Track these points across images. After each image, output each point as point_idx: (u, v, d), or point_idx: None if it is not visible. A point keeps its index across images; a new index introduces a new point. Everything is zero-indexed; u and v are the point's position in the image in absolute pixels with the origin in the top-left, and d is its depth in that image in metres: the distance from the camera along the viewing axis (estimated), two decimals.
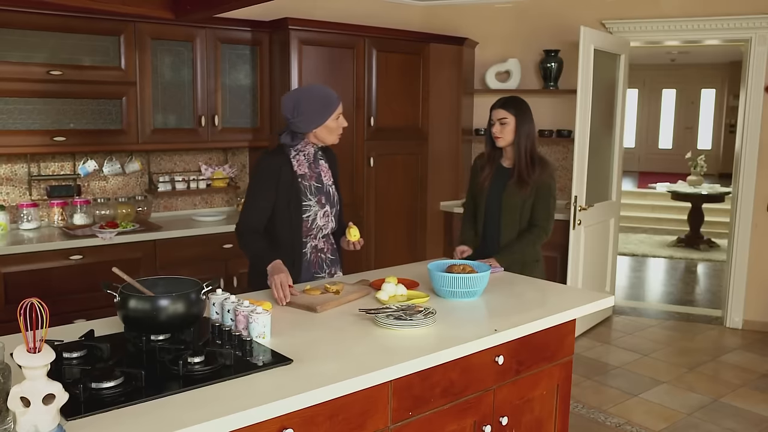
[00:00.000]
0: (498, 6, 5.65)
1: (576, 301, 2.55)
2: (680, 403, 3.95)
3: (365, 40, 4.77)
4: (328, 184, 2.82)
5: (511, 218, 3.16)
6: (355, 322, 2.22)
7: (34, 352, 1.32)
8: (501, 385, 2.28)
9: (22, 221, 3.96)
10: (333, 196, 2.84)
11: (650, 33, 5.27)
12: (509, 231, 3.18)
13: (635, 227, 10.35)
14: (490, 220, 3.23)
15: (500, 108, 3.12)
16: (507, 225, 3.18)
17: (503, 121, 3.10)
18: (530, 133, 3.12)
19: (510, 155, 3.17)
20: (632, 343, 5.00)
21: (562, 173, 5.60)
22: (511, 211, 3.16)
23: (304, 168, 2.75)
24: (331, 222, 2.83)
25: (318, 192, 2.77)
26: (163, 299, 1.87)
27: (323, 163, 2.84)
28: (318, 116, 2.67)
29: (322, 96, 2.70)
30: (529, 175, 3.09)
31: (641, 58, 12.72)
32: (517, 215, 3.16)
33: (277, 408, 1.60)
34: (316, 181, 2.78)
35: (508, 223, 3.17)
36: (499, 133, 3.12)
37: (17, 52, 3.66)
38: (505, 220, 3.17)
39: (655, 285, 7.13)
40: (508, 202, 3.15)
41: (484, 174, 3.25)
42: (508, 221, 3.17)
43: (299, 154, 2.75)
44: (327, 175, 2.84)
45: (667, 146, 15.76)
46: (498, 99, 3.19)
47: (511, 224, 3.17)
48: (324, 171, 2.83)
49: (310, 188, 2.75)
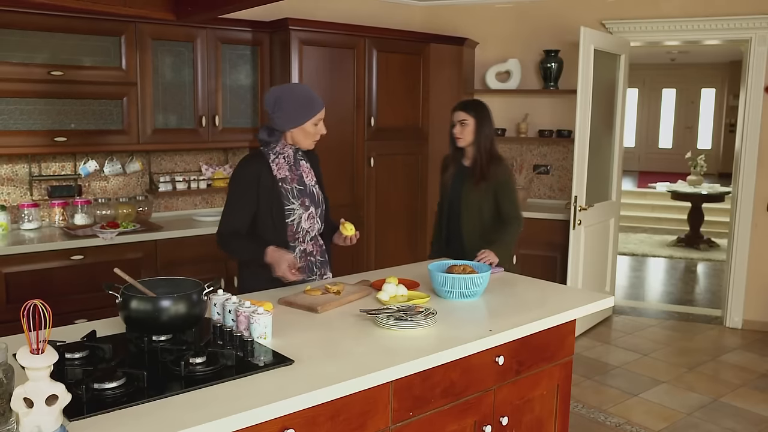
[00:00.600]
0: (498, 6, 5.66)
1: (576, 301, 2.56)
2: (680, 403, 3.96)
3: (365, 40, 4.77)
4: (311, 184, 2.77)
5: (471, 215, 3.30)
6: (356, 323, 2.23)
7: (37, 353, 1.33)
8: (501, 385, 2.29)
9: (23, 221, 3.97)
10: (317, 197, 2.79)
11: (650, 33, 5.28)
12: (470, 228, 3.31)
13: (635, 227, 10.36)
14: (453, 218, 3.39)
15: (461, 110, 3.29)
16: (467, 221, 3.31)
17: (464, 122, 3.26)
18: (489, 134, 3.28)
19: (470, 155, 3.32)
20: (632, 343, 5.01)
21: (562, 173, 5.61)
22: (470, 208, 3.30)
23: (285, 171, 2.69)
24: (318, 223, 2.79)
25: (301, 194, 2.72)
26: (164, 300, 1.87)
27: (304, 164, 2.78)
28: (296, 116, 2.63)
29: (305, 97, 2.66)
30: (486, 171, 3.23)
31: (641, 58, 12.73)
32: (476, 212, 3.29)
33: (279, 408, 1.61)
34: (299, 183, 2.72)
35: (468, 220, 3.31)
36: (459, 134, 3.28)
37: (19, 53, 3.67)
38: (465, 216, 3.31)
39: (655, 285, 7.14)
40: (467, 199, 3.30)
41: (448, 173, 3.42)
42: (468, 218, 3.31)
43: (278, 157, 2.69)
44: (309, 176, 2.78)
45: (667, 146, 15.77)
46: (459, 102, 3.37)
47: (471, 221, 3.31)
48: (306, 172, 2.77)
49: (293, 191, 2.70)
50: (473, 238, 3.29)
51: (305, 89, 2.72)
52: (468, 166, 3.33)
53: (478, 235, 3.29)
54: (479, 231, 3.29)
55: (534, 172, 5.69)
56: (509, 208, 3.28)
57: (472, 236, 3.30)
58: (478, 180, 3.25)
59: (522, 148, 5.76)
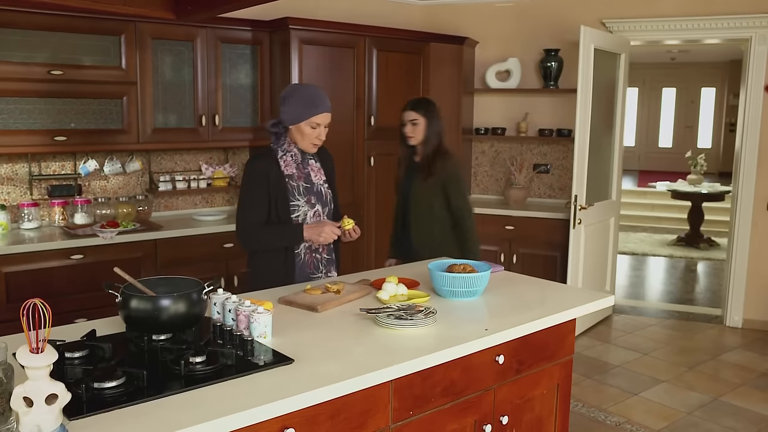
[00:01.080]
0: (498, 5, 5.65)
1: (576, 300, 2.56)
2: (680, 402, 3.96)
3: (365, 39, 4.77)
4: (319, 183, 2.81)
5: (420, 210, 3.38)
6: (356, 322, 2.23)
7: (36, 352, 1.33)
8: (501, 384, 2.29)
9: (23, 221, 3.97)
10: (325, 196, 2.83)
11: (650, 32, 5.28)
12: (419, 223, 3.38)
13: (635, 226, 10.36)
14: (406, 214, 3.46)
15: (411, 110, 3.37)
16: (417, 217, 3.39)
17: (414, 122, 3.35)
18: (439, 131, 3.37)
19: (421, 152, 3.40)
20: (632, 342, 5.01)
21: (562, 172, 5.61)
22: (419, 203, 3.37)
23: (292, 168, 2.75)
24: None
25: (307, 192, 2.77)
26: (164, 299, 1.87)
27: (314, 163, 2.83)
28: (296, 114, 2.68)
29: (309, 97, 2.69)
30: (433, 166, 3.31)
31: (641, 57, 12.72)
32: (427, 208, 3.36)
33: (279, 408, 1.61)
34: (305, 182, 2.77)
35: (418, 216, 3.38)
36: (411, 132, 3.36)
37: (19, 52, 3.66)
38: (415, 211, 3.39)
39: (655, 284, 7.13)
40: (416, 194, 3.37)
41: (400, 171, 3.51)
42: (418, 213, 3.38)
43: (286, 155, 2.75)
44: (318, 175, 2.83)
45: (667, 145, 15.76)
46: (408, 101, 3.43)
47: (420, 217, 3.38)
48: (315, 171, 2.82)
49: (299, 188, 2.75)
50: (422, 234, 3.37)
51: (312, 91, 2.73)
52: (417, 162, 3.41)
53: (427, 231, 3.36)
54: (429, 227, 3.36)
55: (534, 172, 5.69)
56: (459, 201, 3.35)
57: (421, 232, 3.37)
58: (426, 175, 3.32)
59: (522, 147, 5.76)
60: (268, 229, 2.72)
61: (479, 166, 5.92)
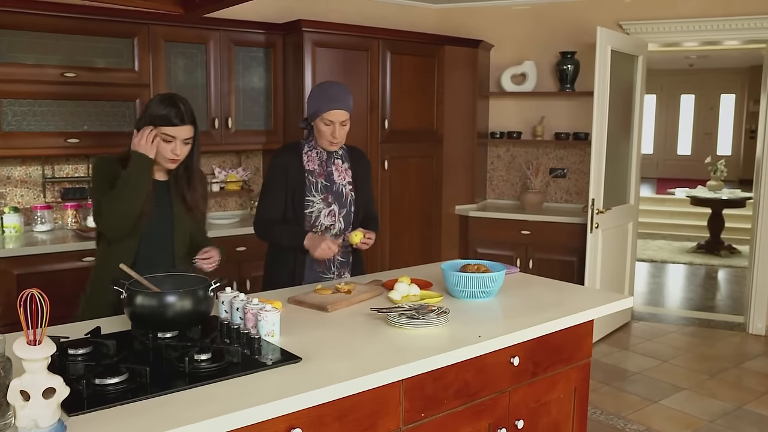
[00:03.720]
0: (514, 8, 5.60)
1: (594, 301, 2.49)
2: (702, 410, 3.85)
3: (379, 42, 4.73)
4: (341, 183, 2.78)
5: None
6: (367, 322, 2.17)
7: (34, 344, 1.29)
8: (516, 387, 2.22)
9: (36, 223, 3.96)
10: (346, 197, 2.79)
11: (668, 34, 5.19)
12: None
13: (654, 233, 10.21)
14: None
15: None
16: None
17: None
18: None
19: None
20: (651, 349, 4.90)
21: (579, 177, 5.52)
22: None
23: (314, 164, 2.74)
24: (340, 223, 2.78)
25: (326, 190, 2.75)
26: (170, 295, 1.83)
27: (340, 163, 2.80)
28: (313, 110, 2.67)
29: (325, 93, 2.67)
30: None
31: (659, 63, 12.60)
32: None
33: (285, 406, 1.56)
34: (326, 180, 2.75)
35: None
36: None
37: (32, 55, 3.67)
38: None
39: (675, 291, 7.00)
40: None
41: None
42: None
43: (312, 151, 2.75)
44: (342, 176, 2.79)
45: (686, 152, 15.57)
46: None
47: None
48: (339, 171, 2.79)
49: (317, 185, 2.73)
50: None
51: (331, 87, 2.70)
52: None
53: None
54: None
55: (550, 176, 5.61)
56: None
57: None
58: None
59: (538, 151, 5.68)
60: (278, 226, 2.72)
61: (495, 170, 5.85)
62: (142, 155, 2.23)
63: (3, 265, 3.45)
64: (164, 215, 2.38)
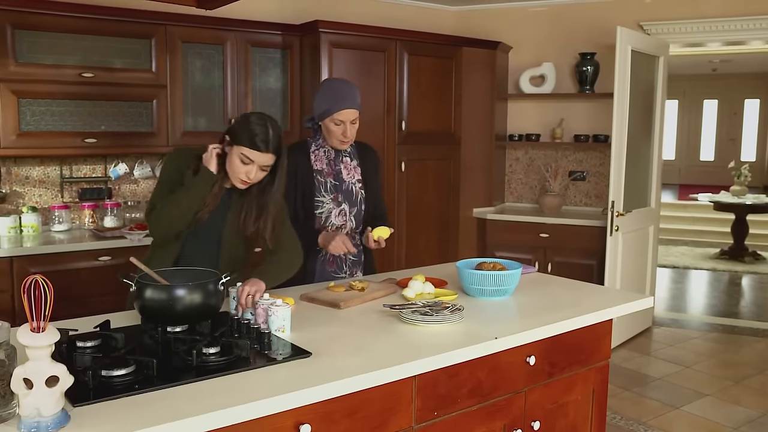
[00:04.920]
0: (532, 10, 5.55)
1: (612, 301, 2.43)
2: (725, 417, 3.75)
3: (396, 43, 4.71)
4: (351, 182, 2.74)
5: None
6: (379, 319, 2.14)
7: (37, 331, 1.27)
8: (532, 387, 2.17)
9: (54, 223, 3.98)
10: (356, 196, 2.75)
11: (690, 34, 5.11)
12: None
13: (676, 240, 10.05)
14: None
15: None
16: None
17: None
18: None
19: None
20: (673, 355, 4.80)
21: (598, 179, 5.44)
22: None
23: (322, 164, 2.70)
24: (351, 222, 2.75)
25: (335, 189, 2.70)
26: (179, 289, 1.81)
27: (349, 161, 2.75)
28: (322, 110, 2.62)
29: (335, 91, 2.62)
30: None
31: (681, 68, 12.42)
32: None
33: (293, 400, 1.52)
34: (335, 179, 2.71)
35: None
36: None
37: (51, 55, 3.69)
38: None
39: (698, 297, 6.87)
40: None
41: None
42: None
43: (319, 150, 2.71)
44: (352, 174, 2.75)
45: (709, 158, 15.34)
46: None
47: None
48: (348, 169, 2.75)
49: (326, 185, 2.69)
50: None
51: (340, 85, 2.66)
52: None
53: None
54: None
55: (569, 179, 5.54)
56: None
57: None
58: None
59: (557, 153, 5.61)
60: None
61: (513, 173, 5.79)
62: (206, 169, 2.14)
63: (21, 263, 3.47)
64: (215, 225, 2.25)
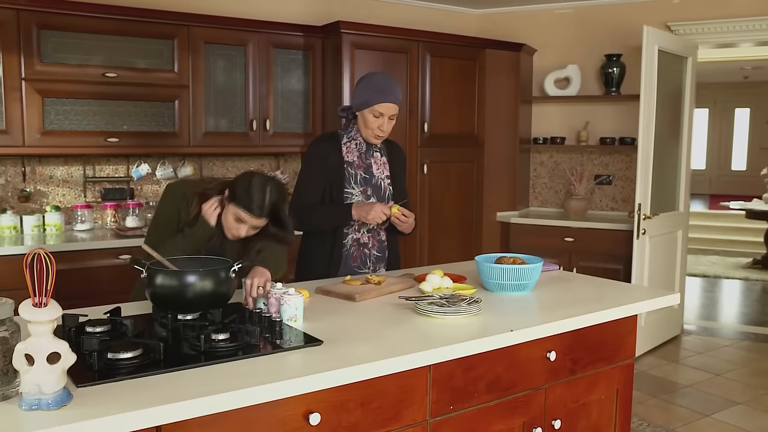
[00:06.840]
0: (557, 12, 5.49)
1: (637, 296, 2.35)
2: (758, 426, 3.62)
3: (419, 44, 4.68)
4: (380, 177, 2.73)
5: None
6: (395, 311, 2.09)
7: (39, 306, 1.24)
8: (553, 384, 2.10)
9: (77, 222, 4.01)
10: (384, 191, 2.73)
11: (719, 35, 4.99)
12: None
13: (706, 249, 9.82)
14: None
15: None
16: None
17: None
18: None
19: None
20: (703, 363, 4.66)
21: (625, 183, 5.34)
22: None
23: (354, 156, 2.68)
24: None
25: (365, 183, 2.68)
26: (190, 275, 1.79)
27: (379, 156, 2.74)
28: (362, 100, 2.61)
29: (378, 84, 2.62)
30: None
31: (711, 76, 12.21)
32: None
33: (301, 385, 1.48)
34: (365, 172, 2.69)
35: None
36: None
37: (75, 55, 3.73)
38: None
39: (729, 306, 6.69)
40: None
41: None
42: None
43: (351, 142, 2.69)
44: (381, 168, 2.74)
45: (741, 168, 15.03)
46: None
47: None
48: (378, 164, 2.73)
49: (356, 177, 2.67)
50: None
51: (383, 79, 2.67)
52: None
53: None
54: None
55: (595, 183, 5.44)
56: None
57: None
58: None
59: (582, 157, 5.52)
60: (319, 209, 2.64)
61: (537, 177, 5.71)
62: (205, 221, 2.16)
63: None
64: (214, 251, 2.24)
